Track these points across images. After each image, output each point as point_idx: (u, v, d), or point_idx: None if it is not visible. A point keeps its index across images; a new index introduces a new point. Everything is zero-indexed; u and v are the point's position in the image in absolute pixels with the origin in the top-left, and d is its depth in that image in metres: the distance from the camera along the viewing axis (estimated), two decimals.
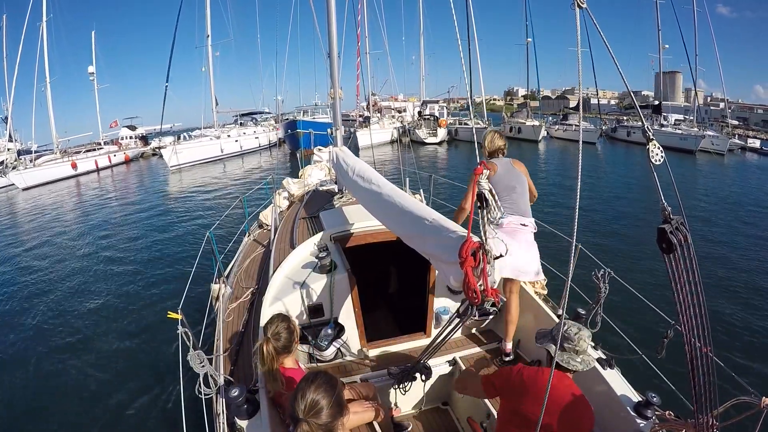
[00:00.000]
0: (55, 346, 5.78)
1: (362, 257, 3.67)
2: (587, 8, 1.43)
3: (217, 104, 31.17)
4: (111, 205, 15.60)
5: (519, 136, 32.30)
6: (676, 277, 1.43)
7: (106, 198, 17.43)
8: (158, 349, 5.37)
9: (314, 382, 1.59)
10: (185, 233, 10.76)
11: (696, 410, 1.61)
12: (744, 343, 5.32)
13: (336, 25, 5.19)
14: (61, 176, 23.77)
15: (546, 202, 12.12)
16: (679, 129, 28.61)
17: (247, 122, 36.62)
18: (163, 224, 11.95)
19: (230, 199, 14.36)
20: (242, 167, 24.33)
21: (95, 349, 5.62)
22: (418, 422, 3.04)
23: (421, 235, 2.24)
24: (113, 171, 27.38)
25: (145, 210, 14.14)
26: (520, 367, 2.00)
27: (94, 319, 6.49)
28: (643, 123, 1.50)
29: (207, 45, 28.99)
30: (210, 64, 29.37)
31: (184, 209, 13.70)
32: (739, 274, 7.51)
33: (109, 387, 4.76)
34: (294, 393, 1.59)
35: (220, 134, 29.12)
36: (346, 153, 4.65)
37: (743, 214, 11.73)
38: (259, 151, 31.50)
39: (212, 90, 30.24)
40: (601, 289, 2.48)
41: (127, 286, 7.63)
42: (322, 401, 1.54)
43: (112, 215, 13.80)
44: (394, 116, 36.29)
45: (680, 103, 35.03)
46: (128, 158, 31.18)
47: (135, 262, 8.85)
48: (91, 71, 33.01)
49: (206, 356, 2.40)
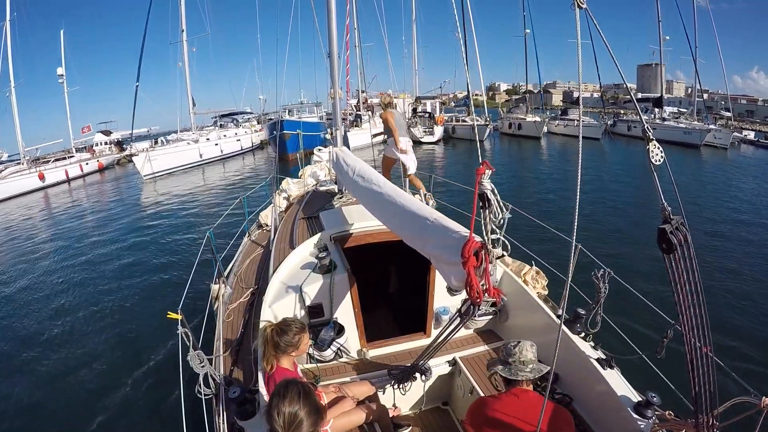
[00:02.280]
0: (54, 346, 5.78)
1: (362, 257, 3.67)
2: (587, 8, 1.43)
3: (195, 105, 28.71)
4: (84, 217, 14.39)
5: (519, 133, 30.53)
6: (676, 277, 1.43)
7: (78, 210, 15.80)
8: (158, 350, 5.37)
9: (286, 395, 1.55)
10: (175, 241, 10.75)
11: (696, 410, 1.61)
12: (744, 343, 5.31)
13: (335, 22, 5.16)
14: (27, 189, 21.10)
15: (549, 205, 12.04)
16: (682, 123, 27.55)
17: (228, 124, 33.97)
18: (152, 234, 11.84)
19: (214, 208, 13.58)
20: (224, 174, 22.31)
21: (95, 349, 5.62)
22: (418, 422, 3.04)
23: (422, 235, 2.24)
24: (86, 181, 24.66)
25: (121, 218, 13.30)
26: (480, 401, 2.14)
27: (94, 319, 6.49)
28: (643, 123, 1.50)
29: (182, 40, 26.52)
30: (186, 61, 26.97)
31: (164, 221, 12.67)
32: (739, 274, 7.51)
33: (108, 387, 4.76)
34: (268, 410, 1.56)
35: (199, 138, 26.47)
36: (346, 153, 4.65)
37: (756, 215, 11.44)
38: (242, 155, 29.08)
39: (189, 89, 27.72)
40: (601, 289, 2.48)
41: (127, 287, 7.63)
42: (300, 412, 1.52)
43: (85, 227, 12.88)
44: None
45: (663, 95, 34.35)
46: (102, 166, 28.43)
47: (135, 263, 8.85)
48: (60, 73, 29.58)
49: (206, 356, 2.41)
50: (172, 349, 5.17)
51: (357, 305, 3.16)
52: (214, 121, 34.56)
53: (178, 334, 2.34)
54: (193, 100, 28.34)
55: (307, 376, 2.93)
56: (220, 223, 6.37)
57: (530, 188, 14.79)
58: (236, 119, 35.60)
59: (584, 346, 2.65)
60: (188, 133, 28.19)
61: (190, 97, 28.08)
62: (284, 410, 1.51)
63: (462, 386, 3.00)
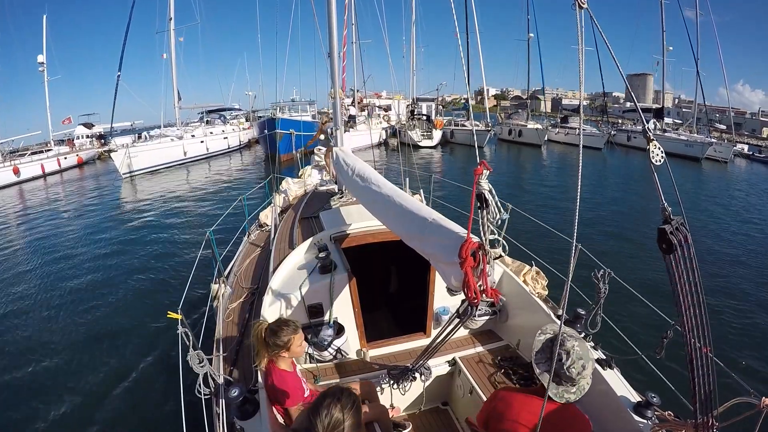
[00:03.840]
0: (54, 346, 5.77)
1: (362, 257, 3.67)
2: (587, 8, 1.42)
3: (180, 99, 26.32)
4: (61, 217, 13.38)
5: (519, 140, 29.39)
6: (676, 277, 1.43)
7: (53, 210, 14.48)
8: (158, 349, 5.37)
9: (340, 401, 1.52)
10: (175, 242, 10.75)
11: (696, 410, 1.61)
12: (744, 343, 5.32)
13: (336, 20, 5.13)
14: (1, 184, 19.90)
15: (551, 211, 11.92)
16: (682, 135, 26.78)
17: (215, 120, 32.16)
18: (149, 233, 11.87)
19: (199, 216, 12.43)
20: (209, 174, 20.54)
21: (95, 349, 5.61)
22: (418, 422, 3.04)
23: (421, 235, 2.24)
24: (63, 176, 22.89)
25: (101, 219, 12.63)
26: (496, 393, 1.93)
27: (95, 320, 6.48)
28: (644, 124, 1.51)
29: (169, 29, 24.44)
30: (172, 52, 24.78)
31: (153, 221, 12.13)
32: (739, 274, 7.52)
33: (108, 387, 4.75)
34: (315, 407, 1.52)
35: (183, 134, 24.77)
36: (347, 153, 4.66)
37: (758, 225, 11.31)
38: (229, 154, 27.22)
39: (174, 82, 25.35)
40: (601, 289, 2.49)
41: (126, 287, 7.62)
42: (346, 422, 1.48)
43: (67, 226, 12.23)
44: (380, 115, 32.09)
45: (651, 105, 33.47)
46: (82, 161, 26.53)
47: (135, 263, 8.84)
48: (40, 61, 27.66)
49: (206, 356, 2.40)
50: (172, 348, 5.17)
51: (357, 305, 3.16)
52: (200, 116, 32.80)
53: (178, 334, 2.34)
54: (178, 93, 26.02)
55: (307, 376, 2.93)
56: (220, 223, 6.38)
57: (534, 197, 14.30)
58: (224, 116, 33.73)
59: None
60: (172, 128, 26.08)
61: (175, 90, 25.66)
62: (333, 413, 1.47)
63: (461, 386, 3.00)
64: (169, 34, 24.54)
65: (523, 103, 36.71)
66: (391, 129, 28.57)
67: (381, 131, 27.68)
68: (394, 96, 37.89)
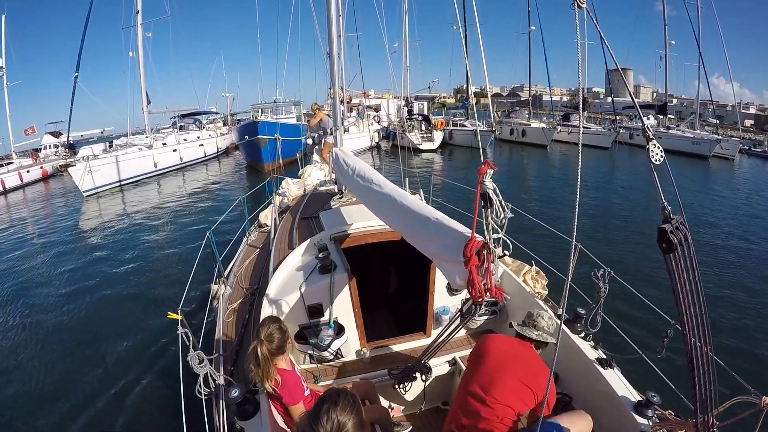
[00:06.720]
0: (54, 346, 5.77)
1: (362, 257, 3.66)
2: (587, 8, 1.43)
3: (150, 102, 23.28)
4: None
5: (523, 140, 27.41)
6: (676, 276, 1.43)
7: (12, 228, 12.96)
8: (158, 350, 5.37)
9: (339, 403, 1.50)
10: (174, 243, 10.75)
11: (696, 410, 1.61)
12: (744, 343, 5.32)
13: (335, 19, 5.08)
14: None
15: (557, 213, 11.73)
16: (688, 132, 25.49)
17: (189, 125, 29.31)
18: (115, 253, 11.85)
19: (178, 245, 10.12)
20: (183, 187, 18.00)
21: (95, 349, 5.61)
22: (418, 422, 3.04)
23: (424, 234, 2.24)
24: (25, 192, 20.61)
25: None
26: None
27: (94, 319, 6.49)
28: (643, 123, 1.51)
29: (136, 24, 21.47)
30: (139, 48, 21.79)
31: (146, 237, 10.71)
32: (739, 274, 7.51)
33: (108, 387, 4.75)
34: (315, 412, 1.50)
35: (153, 142, 21.94)
36: (347, 153, 4.65)
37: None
38: (205, 163, 24.62)
39: (142, 83, 22.30)
40: (601, 288, 2.49)
41: (126, 287, 7.63)
42: (348, 423, 1.47)
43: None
44: (370, 116, 29.25)
45: (651, 102, 32.19)
46: (47, 174, 24.03)
47: (134, 264, 8.85)
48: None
49: (206, 356, 2.41)
50: (172, 349, 5.17)
51: (357, 305, 3.16)
52: (173, 121, 29.88)
53: (178, 334, 2.34)
54: (147, 96, 22.89)
55: (306, 376, 2.93)
56: (220, 223, 6.38)
57: (541, 204, 13.21)
58: (199, 120, 30.78)
59: (584, 345, 2.65)
60: (141, 136, 22.97)
61: (143, 93, 22.46)
62: (334, 416, 1.45)
63: None
64: (136, 29, 21.44)
65: (524, 101, 34.79)
66: (384, 131, 26.70)
67: (374, 134, 25.25)
68: (383, 95, 35.25)
